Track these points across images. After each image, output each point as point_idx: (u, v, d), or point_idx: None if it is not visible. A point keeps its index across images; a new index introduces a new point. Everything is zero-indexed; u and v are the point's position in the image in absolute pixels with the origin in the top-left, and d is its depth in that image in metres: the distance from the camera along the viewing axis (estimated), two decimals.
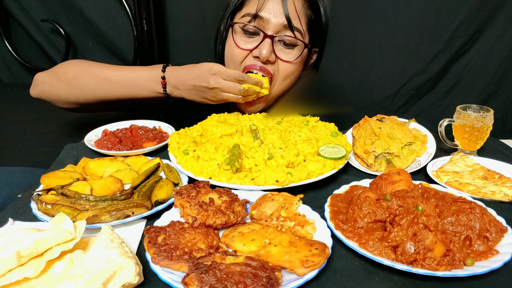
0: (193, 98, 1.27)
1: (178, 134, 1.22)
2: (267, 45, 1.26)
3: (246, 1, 1.30)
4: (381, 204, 0.82)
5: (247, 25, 1.28)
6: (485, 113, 1.24)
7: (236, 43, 1.31)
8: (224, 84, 1.20)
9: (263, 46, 1.26)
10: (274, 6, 1.25)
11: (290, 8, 1.25)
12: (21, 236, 0.68)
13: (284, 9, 1.24)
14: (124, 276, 0.66)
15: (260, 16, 1.25)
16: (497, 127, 1.29)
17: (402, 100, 2.29)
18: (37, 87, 1.35)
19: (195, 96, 1.26)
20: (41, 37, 2.34)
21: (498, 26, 2.07)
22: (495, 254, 0.76)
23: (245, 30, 1.29)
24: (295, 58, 1.31)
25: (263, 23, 1.26)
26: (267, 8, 1.25)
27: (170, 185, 1.00)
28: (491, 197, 0.97)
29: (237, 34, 1.32)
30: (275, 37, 1.27)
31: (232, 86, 1.21)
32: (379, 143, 1.17)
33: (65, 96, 1.33)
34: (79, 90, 1.31)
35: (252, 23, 1.27)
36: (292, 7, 1.25)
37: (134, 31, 2.24)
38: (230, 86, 1.20)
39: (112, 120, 1.41)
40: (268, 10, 1.25)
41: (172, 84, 1.27)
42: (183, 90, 1.26)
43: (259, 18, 1.25)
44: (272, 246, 0.75)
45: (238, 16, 1.32)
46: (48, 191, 0.96)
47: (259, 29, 1.27)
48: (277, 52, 1.29)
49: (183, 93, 1.27)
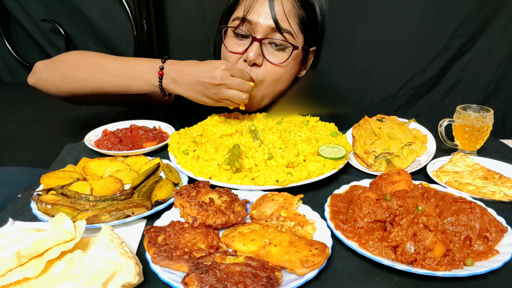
0: (191, 95, 1.20)
1: (178, 134, 1.22)
2: (254, 49, 1.25)
3: (237, 4, 1.30)
4: (381, 204, 0.82)
5: (237, 29, 1.28)
6: (485, 113, 1.24)
7: (226, 47, 1.31)
8: (232, 81, 1.14)
9: (251, 49, 1.25)
10: (261, 9, 1.24)
11: (278, 10, 1.23)
12: (21, 236, 0.68)
13: (272, 11, 1.23)
14: (124, 276, 0.66)
15: (248, 20, 1.25)
16: (497, 127, 1.29)
17: (402, 100, 2.29)
18: (35, 75, 1.33)
19: (195, 93, 1.19)
20: (41, 37, 2.34)
21: (498, 26, 2.07)
22: (495, 254, 0.76)
23: (236, 33, 1.29)
24: (284, 61, 1.29)
25: (251, 26, 1.26)
26: (255, 11, 1.24)
27: (170, 185, 1.00)
28: (491, 197, 0.98)
29: (228, 37, 1.32)
30: (263, 40, 1.26)
31: (241, 83, 1.16)
32: (379, 143, 1.17)
33: (60, 85, 1.30)
34: (73, 79, 1.28)
35: (241, 27, 1.27)
36: (280, 8, 1.24)
37: (134, 31, 2.24)
38: (239, 83, 1.15)
39: (112, 120, 1.41)
40: (256, 13, 1.24)
41: (170, 76, 1.19)
42: (183, 84, 1.19)
43: (247, 21, 1.25)
44: (272, 246, 0.75)
45: (231, 20, 1.32)
46: (48, 191, 0.96)
47: (248, 33, 1.27)
48: (266, 54, 1.28)
49: (182, 88, 1.20)
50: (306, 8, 1.29)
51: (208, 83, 1.14)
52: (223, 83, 1.14)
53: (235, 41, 1.30)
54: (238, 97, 1.17)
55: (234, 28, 1.28)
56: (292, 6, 1.27)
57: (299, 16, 1.28)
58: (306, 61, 1.44)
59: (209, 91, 1.16)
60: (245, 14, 1.24)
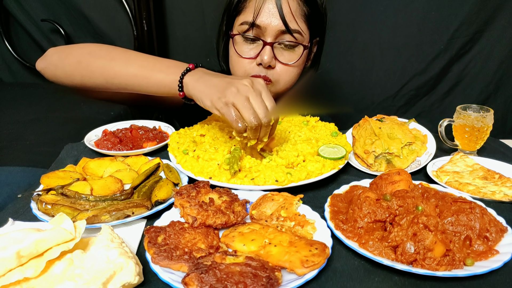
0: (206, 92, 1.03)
1: (178, 134, 1.22)
2: (268, 52, 1.27)
3: (244, 7, 1.30)
4: (381, 204, 0.82)
5: (246, 34, 1.29)
6: (485, 113, 1.24)
7: (239, 53, 1.32)
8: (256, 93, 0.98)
9: (264, 53, 1.27)
10: (269, 12, 1.24)
11: (285, 11, 1.24)
12: (21, 236, 0.68)
13: (280, 13, 1.23)
14: (124, 276, 0.66)
15: (257, 24, 1.26)
16: (497, 127, 1.29)
17: (403, 100, 2.29)
18: (45, 59, 1.30)
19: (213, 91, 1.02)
20: (41, 37, 2.33)
21: (499, 27, 2.07)
22: (495, 254, 0.76)
23: (246, 37, 1.30)
24: (296, 60, 1.32)
25: (261, 31, 1.27)
26: (263, 15, 1.25)
27: (170, 185, 1.00)
28: (491, 197, 0.97)
29: (238, 43, 1.33)
30: (274, 43, 1.28)
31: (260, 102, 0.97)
32: (379, 143, 1.17)
33: (70, 71, 1.25)
34: (86, 65, 1.22)
35: (251, 32, 1.28)
36: (287, 9, 1.24)
37: (134, 31, 2.24)
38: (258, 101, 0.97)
39: (112, 120, 1.41)
40: (264, 17, 1.25)
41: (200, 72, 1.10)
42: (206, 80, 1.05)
43: (256, 26, 1.26)
44: (272, 246, 0.75)
45: (237, 23, 1.32)
46: (48, 191, 0.96)
47: (258, 37, 1.28)
48: (277, 56, 1.30)
49: (203, 83, 1.06)
50: (309, 3, 1.30)
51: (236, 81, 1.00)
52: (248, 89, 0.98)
53: (246, 46, 1.31)
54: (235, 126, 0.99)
55: (244, 33, 1.29)
56: (297, 4, 1.27)
57: (304, 13, 1.29)
58: (310, 53, 1.45)
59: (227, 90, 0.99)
60: (254, 19, 1.25)
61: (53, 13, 2.30)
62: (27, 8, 2.30)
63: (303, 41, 1.31)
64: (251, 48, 1.31)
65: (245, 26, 1.28)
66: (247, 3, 1.29)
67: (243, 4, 1.29)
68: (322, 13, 1.36)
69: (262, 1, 1.25)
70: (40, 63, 1.31)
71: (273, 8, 1.24)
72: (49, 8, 2.30)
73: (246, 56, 1.31)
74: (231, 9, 1.34)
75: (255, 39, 1.29)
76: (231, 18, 1.34)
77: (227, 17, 1.37)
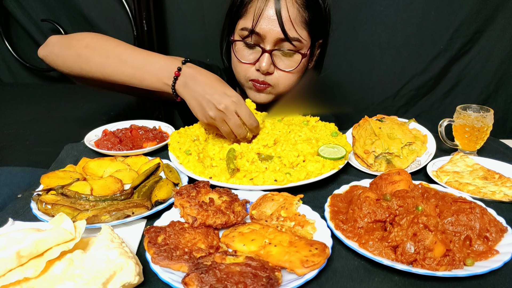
0: (191, 103, 1.16)
1: (178, 133, 1.22)
2: (266, 59, 1.28)
3: (245, 12, 1.29)
4: (381, 204, 0.82)
5: (246, 40, 1.30)
6: (485, 113, 1.24)
7: (238, 58, 1.33)
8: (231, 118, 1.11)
9: (262, 60, 1.28)
10: (269, 19, 1.24)
11: (285, 19, 1.23)
12: (21, 236, 0.68)
13: (279, 21, 1.23)
14: (124, 276, 0.66)
15: (257, 32, 1.26)
16: (497, 127, 1.29)
17: (403, 100, 2.30)
18: (47, 48, 1.30)
19: (196, 104, 1.15)
20: (41, 37, 2.33)
21: (498, 27, 2.07)
22: (495, 254, 0.76)
23: (246, 43, 1.31)
24: (294, 67, 1.32)
25: (260, 38, 1.27)
26: (262, 22, 1.25)
27: (170, 185, 1.00)
28: (491, 197, 0.97)
29: (238, 48, 1.34)
30: (273, 50, 1.28)
31: (238, 125, 1.12)
32: (379, 143, 1.17)
33: (70, 63, 1.27)
34: (85, 60, 1.25)
35: (250, 39, 1.29)
36: (286, 17, 1.24)
37: (134, 31, 2.24)
38: (236, 124, 1.12)
39: (112, 120, 1.41)
40: (264, 24, 1.25)
41: (184, 79, 1.15)
42: (191, 90, 1.15)
43: (255, 33, 1.27)
44: (272, 246, 0.75)
45: (238, 27, 1.32)
46: (48, 191, 0.96)
47: (257, 44, 1.29)
48: (276, 63, 1.31)
49: (188, 93, 1.16)
50: (310, 8, 1.28)
51: (211, 103, 1.11)
52: (223, 114, 1.11)
53: (245, 51, 1.33)
54: (227, 135, 1.16)
55: (244, 39, 1.30)
56: (297, 11, 1.26)
57: (305, 19, 1.28)
58: (313, 55, 1.45)
59: (207, 111, 1.12)
60: (253, 26, 1.25)
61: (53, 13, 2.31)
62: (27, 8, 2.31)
63: (302, 48, 1.31)
64: (250, 53, 1.32)
65: (245, 32, 1.29)
66: (248, 7, 1.28)
67: (244, 9, 1.29)
68: (324, 17, 1.35)
69: (263, 7, 1.24)
70: (41, 50, 1.32)
71: (273, 15, 1.24)
72: (49, 8, 2.30)
73: (246, 61, 1.33)
74: (232, 12, 1.34)
75: (254, 45, 1.30)
76: (233, 21, 1.35)
77: (229, 19, 1.37)
